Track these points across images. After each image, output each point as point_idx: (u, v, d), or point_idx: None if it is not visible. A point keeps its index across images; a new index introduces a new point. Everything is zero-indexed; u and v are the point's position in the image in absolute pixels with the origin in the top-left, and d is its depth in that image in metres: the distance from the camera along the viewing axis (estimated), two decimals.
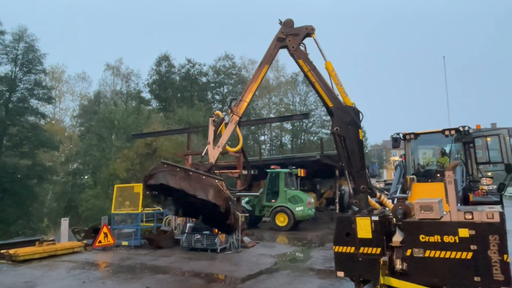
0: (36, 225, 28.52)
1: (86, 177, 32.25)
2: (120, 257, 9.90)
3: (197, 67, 40.33)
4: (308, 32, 6.46)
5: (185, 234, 10.67)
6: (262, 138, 42.51)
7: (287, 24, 6.62)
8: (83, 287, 7.06)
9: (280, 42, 6.57)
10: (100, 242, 10.86)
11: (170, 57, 40.13)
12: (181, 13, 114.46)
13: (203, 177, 6.03)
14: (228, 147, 6.89)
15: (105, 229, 11.01)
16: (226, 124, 6.67)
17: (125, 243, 11.47)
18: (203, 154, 6.65)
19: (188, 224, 10.84)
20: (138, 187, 12.20)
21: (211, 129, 6.63)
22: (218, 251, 10.16)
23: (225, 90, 41.23)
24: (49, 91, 33.93)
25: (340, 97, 6.22)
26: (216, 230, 10.14)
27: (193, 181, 5.99)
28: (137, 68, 43.11)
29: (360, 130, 6.11)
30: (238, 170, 13.35)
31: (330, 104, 6.19)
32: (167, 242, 11.23)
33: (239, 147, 7.08)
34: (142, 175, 23.05)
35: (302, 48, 6.51)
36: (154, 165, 6.48)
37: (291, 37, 6.46)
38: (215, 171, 6.46)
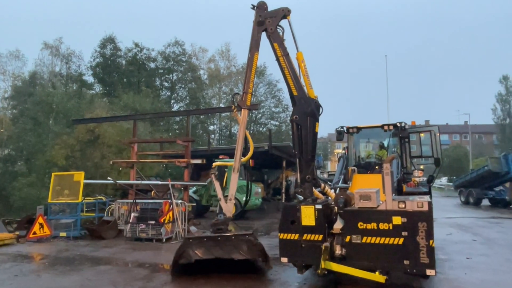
0: None
1: (19, 164, 29.76)
2: (58, 248, 9.39)
3: (145, 51, 38.56)
4: (285, 13, 6.53)
5: (129, 224, 10.36)
6: (211, 127, 42.02)
7: (261, 7, 6.63)
8: (15, 281, 6.60)
9: (261, 26, 6.58)
10: (35, 233, 10.19)
11: (115, 39, 38.04)
12: None
13: (233, 237, 6.21)
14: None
15: (40, 220, 10.33)
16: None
17: (63, 234, 10.84)
18: (217, 212, 6.85)
19: (132, 214, 10.54)
20: (78, 175, 11.56)
21: (217, 185, 6.86)
22: (164, 241, 10.00)
23: (174, 77, 40.05)
24: None
25: (305, 88, 6.39)
26: (162, 220, 10.00)
27: (224, 245, 6.15)
28: (79, 49, 39.77)
29: (317, 123, 6.33)
30: (186, 160, 13.18)
31: (295, 93, 6.35)
32: (109, 232, 10.82)
33: (249, 156, 7.20)
34: (82, 163, 22.05)
35: (280, 32, 6.57)
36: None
37: (269, 19, 6.50)
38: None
